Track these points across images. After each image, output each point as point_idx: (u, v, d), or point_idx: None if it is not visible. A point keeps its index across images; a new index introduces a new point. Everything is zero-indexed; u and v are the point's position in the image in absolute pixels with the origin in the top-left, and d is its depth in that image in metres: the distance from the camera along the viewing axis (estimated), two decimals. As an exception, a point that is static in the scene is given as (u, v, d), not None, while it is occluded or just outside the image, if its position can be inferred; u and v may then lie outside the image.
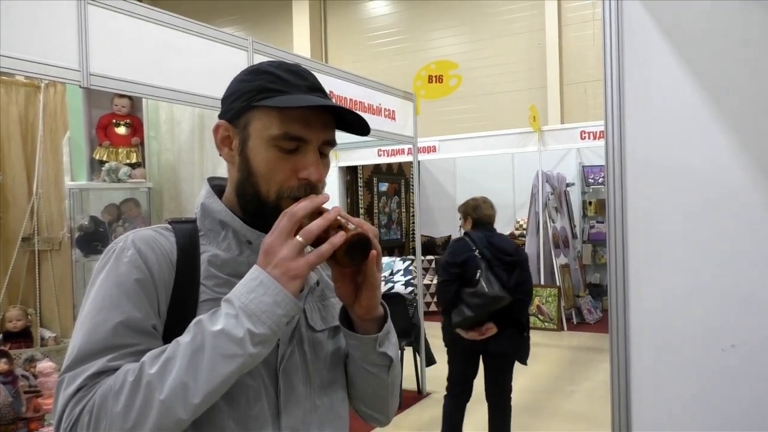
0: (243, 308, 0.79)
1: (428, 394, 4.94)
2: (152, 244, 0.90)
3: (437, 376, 5.24)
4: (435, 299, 8.41)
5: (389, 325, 0.99)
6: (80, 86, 2.48)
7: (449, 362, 3.47)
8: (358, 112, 0.95)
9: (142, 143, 3.49)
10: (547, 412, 4.59)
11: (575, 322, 7.62)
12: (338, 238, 0.82)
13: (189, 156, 3.45)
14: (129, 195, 3.40)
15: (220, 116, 0.97)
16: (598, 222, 8.45)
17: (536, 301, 7.38)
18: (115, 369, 0.80)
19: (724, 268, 1.41)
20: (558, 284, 7.39)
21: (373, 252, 0.87)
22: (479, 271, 3.19)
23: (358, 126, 0.95)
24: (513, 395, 3.46)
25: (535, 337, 6.93)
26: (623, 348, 1.50)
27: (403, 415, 4.50)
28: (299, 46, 11.67)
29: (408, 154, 5.94)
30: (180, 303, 0.88)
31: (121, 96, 3.38)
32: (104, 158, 3.38)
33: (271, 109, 0.89)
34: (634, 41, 1.50)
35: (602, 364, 5.64)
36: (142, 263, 0.87)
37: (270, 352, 0.84)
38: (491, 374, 3.37)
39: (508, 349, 3.31)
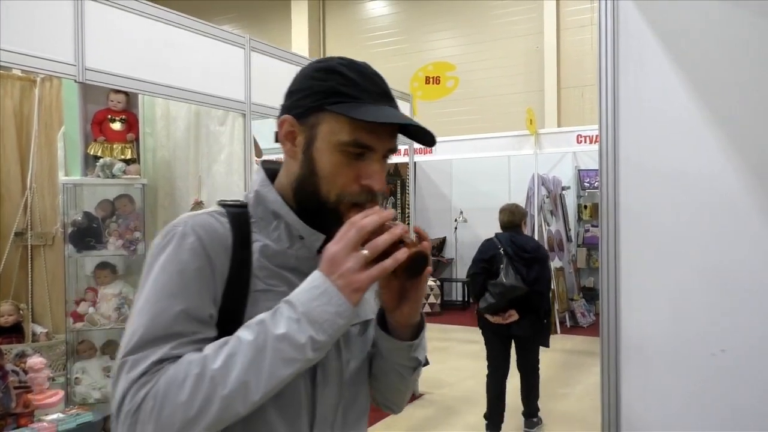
0: (306, 314, 0.82)
1: (421, 395, 4.94)
2: (210, 232, 0.91)
3: (430, 378, 5.24)
4: (428, 300, 8.41)
5: (424, 332, 1.02)
6: (75, 81, 2.48)
7: (485, 343, 4.08)
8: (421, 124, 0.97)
9: (137, 139, 3.48)
10: (542, 414, 4.59)
11: (569, 326, 7.63)
12: (402, 254, 0.84)
13: (184, 153, 3.44)
14: (123, 191, 3.38)
15: (285, 111, 0.96)
16: (593, 226, 8.47)
17: (530, 303, 7.38)
18: (177, 357, 0.83)
19: (716, 272, 1.41)
20: (552, 287, 7.40)
21: (428, 269, 0.90)
22: (502, 265, 3.83)
23: (422, 136, 0.97)
24: (507, 396, 4.08)
25: (528, 339, 6.82)
26: (614, 352, 1.50)
27: (396, 416, 4.50)
28: (297, 45, 11.67)
29: (404, 155, 5.93)
30: (233, 292, 0.90)
31: (117, 92, 3.36)
32: (99, 154, 3.37)
33: (342, 115, 0.90)
34: (629, 45, 1.50)
35: (595, 368, 5.64)
36: (203, 251, 0.88)
37: None
38: (520, 353, 4.07)
39: (529, 332, 3.94)
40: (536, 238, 7.54)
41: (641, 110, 1.49)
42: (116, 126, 3.43)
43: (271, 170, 1.00)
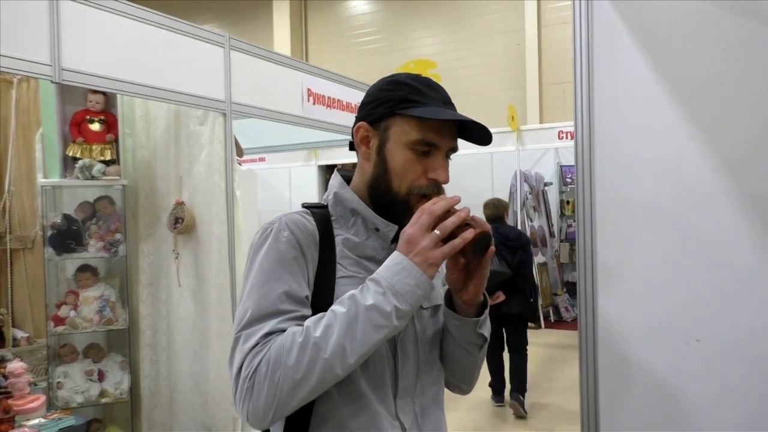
0: (390, 288, 0.95)
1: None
2: (301, 227, 1.06)
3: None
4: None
5: (487, 311, 1.14)
6: (52, 81, 2.44)
7: None
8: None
9: (116, 140, 3.44)
10: (526, 407, 4.62)
11: (552, 320, 7.70)
12: (469, 233, 0.97)
13: (165, 153, 3.41)
14: (103, 192, 3.34)
15: (360, 119, 1.11)
16: (575, 221, 8.53)
17: (514, 299, 7.43)
18: (283, 330, 0.97)
19: (690, 263, 1.43)
20: (536, 283, 7.45)
21: (492, 248, 1.02)
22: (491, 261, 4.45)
23: (479, 136, 1.08)
24: (487, 392, 4.64)
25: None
26: (591, 343, 1.52)
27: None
28: (280, 44, 11.61)
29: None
30: (323, 278, 1.05)
31: (95, 92, 3.33)
32: (78, 155, 3.32)
33: (411, 117, 1.04)
34: (603, 41, 1.52)
35: (578, 361, 5.70)
36: (296, 243, 1.04)
37: None
38: (509, 331, 4.67)
39: (517, 310, 4.56)
40: (520, 233, 7.60)
41: (616, 106, 1.51)
42: (95, 127, 3.40)
43: (346, 176, 1.16)
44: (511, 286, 4.43)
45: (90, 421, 3.23)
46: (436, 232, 0.96)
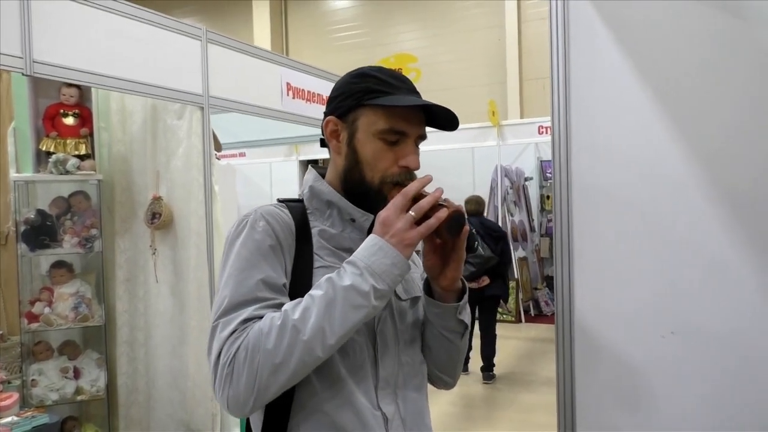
0: (367, 268, 0.95)
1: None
2: (277, 218, 1.07)
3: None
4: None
5: (466, 296, 1.15)
6: (23, 74, 2.39)
7: None
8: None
9: (91, 134, 3.38)
10: (506, 401, 4.67)
11: (533, 314, 7.76)
12: (443, 213, 0.98)
13: (141, 147, 3.36)
14: (78, 187, 3.28)
15: (329, 113, 1.13)
16: (555, 215, 8.58)
17: (495, 293, 7.49)
18: (260, 317, 0.97)
19: (665, 256, 1.45)
20: (516, 277, 7.50)
21: (466, 227, 1.04)
22: (476, 242, 5.13)
23: (446, 121, 1.11)
24: (472, 387, 4.92)
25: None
26: (568, 335, 1.53)
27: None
28: (260, 39, 11.52)
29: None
30: (300, 267, 1.06)
31: (69, 85, 3.27)
32: (51, 149, 3.25)
33: (378, 107, 1.06)
34: (579, 37, 1.53)
35: (558, 355, 5.77)
36: (273, 233, 1.05)
37: None
38: (483, 313, 5.25)
39: (499, 292, 5.34)
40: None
41: (592, 101, 1.52)
42: (69, 121, 3.33)
43: (320, 172, 1.17)
44: (494, 271, 5.13)
45: (65, 419, 3.18)
46: (411, 213, 0.97)
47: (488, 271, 5.11)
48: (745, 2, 1.37)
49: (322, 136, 1.16)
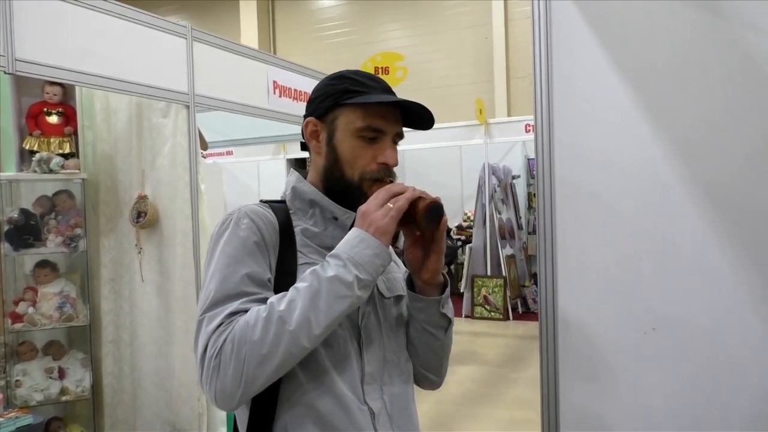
0: (350, 259, 0.98)
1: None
2: (261, 216, 1.09)
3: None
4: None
5: (448, 290, 1.17)
6: (5, 72, 2.37)
7: None
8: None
9: (75, 133, 3.35)
10: (493, 399, 4.69)
11: (520, 312, 7.79)
12: (417, 198, 1.03)
13: (126, 146, 3.33)
14: (62, 186, 3.26)
15: (309, 114, 1.17)
16: (542, 213, 8.63)
17: (483, 291, 7.51)
18: (246, 310, 0.98)
19: (647, 252, 1.46)
20: (504, 275, 7.54)
21: (445, 218, 1.06)
22: (451, 232, 6.04)
23: (423, 119, 1.14)
24: (459, 385, 4.75)
25: (481, 326, 7.10)
26: (552, 332, 1.54)
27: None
28: (247, 37, 11.48)
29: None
30: (284, 264, 1.08)
31: (53, 83, 3.24)
32: (35, 148, 3.23)
33: (355, 107, 1.10)
34: (561, 36, 1.54)
35: (545, 352, 5.80)
36: (257, 229, 1.07)
37: (352, 311, 1.04)
38: None
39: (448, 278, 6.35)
40: (488, 226, 7.69)
41: (574, 101, 1.53)
42: (53, 119, 3.31)
43: (302, 173, 1.20)
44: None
45: (50, 420, 3.15)
46: (389, 205, 1.01)
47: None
48: (722, 2, 1.39)
49: (303, 140, 1.20)
